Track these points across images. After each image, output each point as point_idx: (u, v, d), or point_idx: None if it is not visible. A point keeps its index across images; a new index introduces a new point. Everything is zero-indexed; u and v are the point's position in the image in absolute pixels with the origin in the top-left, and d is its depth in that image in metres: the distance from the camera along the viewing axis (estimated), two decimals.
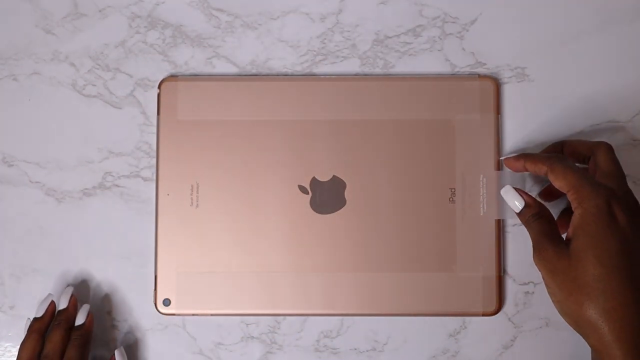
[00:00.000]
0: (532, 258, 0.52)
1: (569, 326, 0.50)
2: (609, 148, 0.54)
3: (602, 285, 0.48)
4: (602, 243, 0.48)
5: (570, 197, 0.51)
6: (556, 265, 0.50)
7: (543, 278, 0.51)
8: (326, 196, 0.58)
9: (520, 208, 0.54)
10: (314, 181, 0.58)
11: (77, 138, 0.60)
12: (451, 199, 0.58)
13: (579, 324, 0.49)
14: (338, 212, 0.58)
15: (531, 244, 0.53)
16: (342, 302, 0.57)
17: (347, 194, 0.58)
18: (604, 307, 0.48)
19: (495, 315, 0.58)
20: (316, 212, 0.58)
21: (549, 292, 0.51)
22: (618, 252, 0.48)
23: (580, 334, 0.50)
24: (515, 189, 0.54)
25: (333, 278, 0.58)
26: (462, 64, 0.60)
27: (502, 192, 0.55)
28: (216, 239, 0.58)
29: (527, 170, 0.55)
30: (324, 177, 0.59)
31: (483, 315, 0.57)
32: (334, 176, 0.59)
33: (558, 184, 0.51)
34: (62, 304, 0.57)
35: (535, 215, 0.53)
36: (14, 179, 0.60)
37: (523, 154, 0.55)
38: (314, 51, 0.61)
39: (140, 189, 0.60)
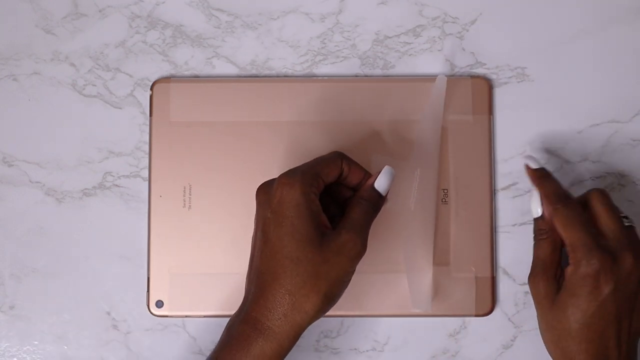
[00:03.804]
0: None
1: None
2: (601, 195, 0.53)
3: (573, 335, 0.51)
4: (581, 305, 0.50)
5: (567, 250, 0.51)
6: (542, 301, 0.52)
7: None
8: None
9: (536, 216, 0.54)
10: None
11: (77, 138, 0.60)
12: (444, 200, 0.58)
13: (549, 351, 0.53)
14: None
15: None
16: (341, 303, 0.57)
17: None
18: (575, 349, 0.51)
19: (496, 316, 0.58)
20: None
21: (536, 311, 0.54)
22: (593, 315, 0.50)
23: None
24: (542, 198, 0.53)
25: None
26: (462, 64, 0.60)
27: (531, 193, 0.54)
28: (209, 240, 0.58)
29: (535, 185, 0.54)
30: None
31: (476, 315, 0.57)
32: None
33: (558, 232, 0.52)
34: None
35: (543, 233, 0.53)
36: (14, 179, 0.60)
37: (543, 173, 0.54)
38: (314, 51, 0.61)
39: (140, 189, 0.60)
